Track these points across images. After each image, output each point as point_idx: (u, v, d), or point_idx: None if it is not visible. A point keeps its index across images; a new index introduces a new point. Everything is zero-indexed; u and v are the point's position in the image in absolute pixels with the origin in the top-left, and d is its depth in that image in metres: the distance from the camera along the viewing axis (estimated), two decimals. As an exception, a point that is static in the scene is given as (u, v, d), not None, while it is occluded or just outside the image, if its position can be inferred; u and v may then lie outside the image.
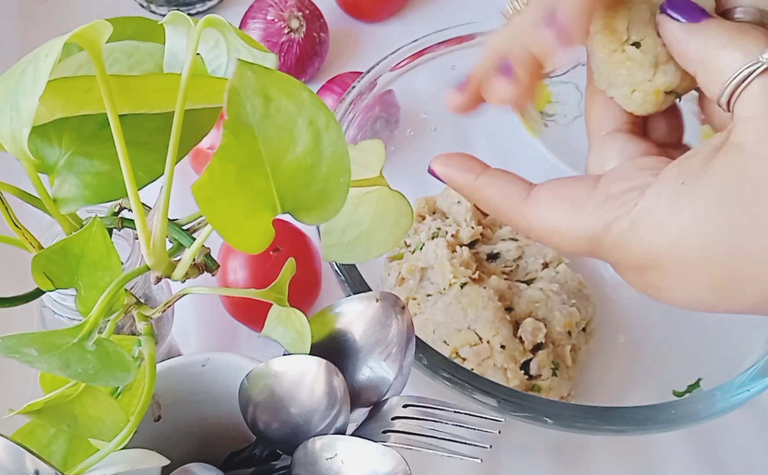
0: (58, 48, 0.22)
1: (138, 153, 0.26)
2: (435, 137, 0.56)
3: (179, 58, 0.27)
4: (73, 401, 0.26)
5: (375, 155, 0.32)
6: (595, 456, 0.49)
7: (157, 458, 0.27)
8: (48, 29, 0.68)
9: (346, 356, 0.29)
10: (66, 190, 0.27)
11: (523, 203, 0.33)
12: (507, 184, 0.34)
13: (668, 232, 0.29)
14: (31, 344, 0.24)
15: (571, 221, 0.31)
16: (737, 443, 0.50)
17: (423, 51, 0.52)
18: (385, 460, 0.26)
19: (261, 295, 0.27)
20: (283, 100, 0.23)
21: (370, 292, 0.30)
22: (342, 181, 0.24)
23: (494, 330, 0.45)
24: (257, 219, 0.24)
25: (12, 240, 0.28)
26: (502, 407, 0.38)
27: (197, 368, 0.32)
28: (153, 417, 0.32)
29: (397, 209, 0.31)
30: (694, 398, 0.39)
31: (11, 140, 0.23)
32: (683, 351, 0.48)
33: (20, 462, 0.24)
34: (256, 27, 0.63)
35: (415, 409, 0.29)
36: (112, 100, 0.24)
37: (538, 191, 0.33)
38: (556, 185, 0.33)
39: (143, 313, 0.27)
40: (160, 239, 0.25)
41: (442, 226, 0.52)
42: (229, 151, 0.23)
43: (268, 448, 0.31)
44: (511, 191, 0.34)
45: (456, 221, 0.53)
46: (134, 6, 0.71)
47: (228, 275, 0.49)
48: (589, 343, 0.50)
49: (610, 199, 0.30)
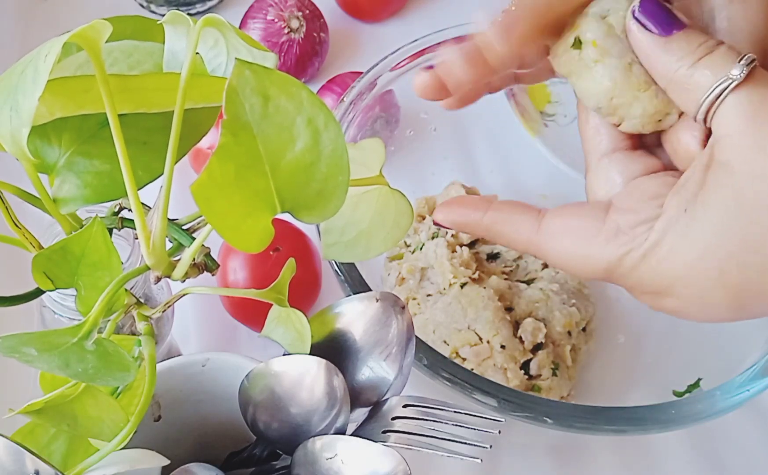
0: (57, 48, 0.22)
1: (137, 153, 0.26)
2: (435, 137, 0.56)
3: (179, 57, 0.27)
4: (73, 401, 0.26)
5: (375, 154, 0.32)
6: (595, 456, 0.49)
7: (157, 458, 0.27)
8: (48, 29, 0.68)
9: (346, 356, 0.29)
10: (66, 190, 0.27)
11: (536, 235, 0.34)
12: (516, 217, 0.34)
13: (679, 261, 0.29)
14: (30, 343, 0.24)
15: (583, 254, 0.32)
16: (737, 443, 0.49)
17: (423, 51, 0.52)
18: (385, 460, 0.26)
19: (261, 295, 0.27)
20: (281, 99, 0.23)
21: (370, 292, 0.30)
22: (341, 180, 0.24)
23: (494, 330, 0.45)
24: (256, 218, 0.24)
25: (12, 240, 0.28)
26: (502, 407, 0.38)
27: (197, 368, 0.32)
28: (153, 417, 0.32)
29: (397, 209, 0.31)
30: (694, 398, 0.39)
31: (11, 140, 0.23)
32: (683, 351, 0.48)
33: (20, 462, 0.24)
34: (256, 27, 0.63)
35: (415, 409, 0.29)
36: (112, 100, 0.24)
37: (548, 223, 0.33)
38: (565, 216, 0.33)
39: (143, 313, 0.27)
40: (159, 238, 0.25)
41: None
42: (228, 151, 0.23)
43: (268, 448, 0.31)
44: (521, 224, 0.34)
45: (456, 221, 0.53)
46: (134, 6, 0.71)
47: (228, 274, 0.49)
48: (589, 343, 0.50)
49: (621, 234, 0.31)
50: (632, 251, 0.31)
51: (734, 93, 0.28)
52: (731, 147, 0.28)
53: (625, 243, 0.31)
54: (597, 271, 0.32)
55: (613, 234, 0.31)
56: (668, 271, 0.30)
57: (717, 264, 0.29)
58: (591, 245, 0.32)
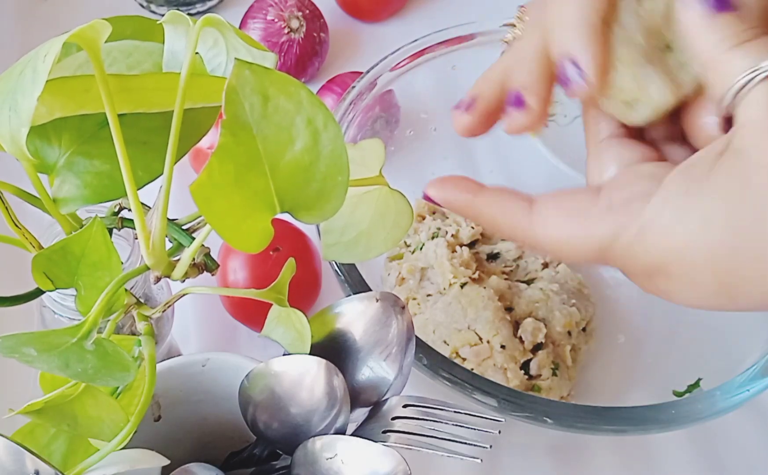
0: (57, 48, 0.22)
1: (137, 152, 0.26)
2: (435, 137, 0.56)
3: (178, 57, 0.27)
4: (73, 401, 0.26)
5: (374, 154, 0.32)
6: (595, 456, 0.48)
7: (157, 458, 0.27)
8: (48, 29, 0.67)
9: (346, 356, 0.29)
10: (66, 190, 0.27)
11: (526, 218, 0.33)
12: (508, 201, 0.34)
13: (674, 239, 0.29)
14: (30, 343, 0.24)
15: (576, 233, 0.32)
16: (737, 443, 0.49)
17: (423, 51, 0.52)
18: (385, 460, 0.26)
19: (261, 295, 0.27)
20: (281, 99, 0.23)
21: (370, 292, 0.30)
22: (340, 180, 0.24)
23: (494, 330, 0.45)
24: (256, 218, 0.24)
25: (12, 240, 0.28)
26: (502, 407, 0.38)
27: (197, 368, 0.32)
28: (153, 417, 0.32)
29: (397, 209, 0.31)
30: (694, 398, 0.39)
31: (10, 140, 0.23)
32: (683, 351, 0.48)
33: (20, 462, 0.24)
34: (256, 27, 0.63)
35: (415, 409, 0.29)
36: (111, 100, 0.24)
37: (540, 206, 0.33)
38: (558, 198, 0.33)
39: (143, 313, 0.27)
40: (159, 238, 0.25)
41: (442, 226, 0.52)
42: (228, 151, 0.23)
43: (268, 448, 0.31)
44: (512, 208, 0.33)
45: (456, 221, 0.53)
46: (134, 6, 0.71)
47: (228, 274, 0.49)
48: (589, 343, 0.50)
49: (614, 208, 0.31)
50: (626, 226, 0.30)
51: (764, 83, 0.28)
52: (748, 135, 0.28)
53: (618, 217, 0.30)
54: (590, 251, 0.31)
55: (606, 209, 0.31)
56: (663, 249, 0.29)
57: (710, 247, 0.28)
58: (584, 223, 0.31)
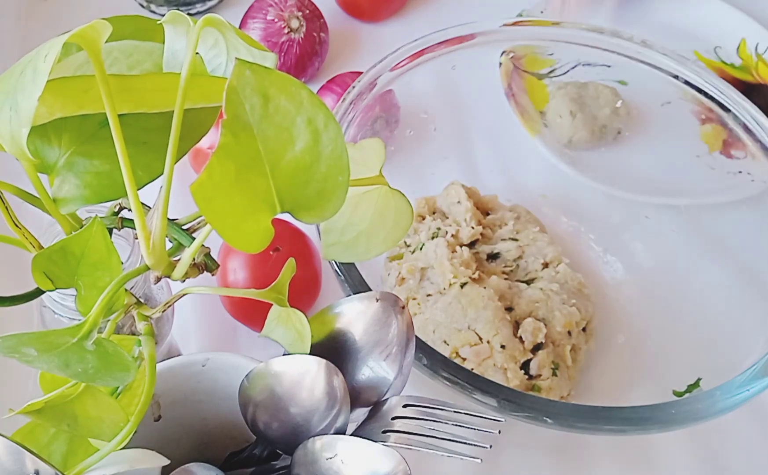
0: (57, 48, 0.22)
1: (137, 152, 0.26)
2: (435, 137, 0.56)
3: (178, 57, 0.27)
4: (73, 401, 0.26)
5: (375, 154, 0.32)
6: (595, 456, 0.48)
7: (157, 458, 0.27)
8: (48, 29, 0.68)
9: (346, 356, 0.29)
10: (66, 190, 0.27)
11: None
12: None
13: None
14: (30, 343, 0.24)
15: None
16: (737, 443, 0.49)
17: (423, 51, 0.52)
18: (385, 460, 0.26)
19: (261, 295, 0.27)
20: (281, 99, 0.23)
21: (370, 292, 0.30)
22: (341, 180, 0.24)
23: (494, 330, 0.45)
24: (256, 218, 0.24)
25: (12, 240, 0.28)
26: (502, 407, 0.38)
27: (197, 368, 0.32)
28: (153, 417, 0.32)
29: (397, 209, 0.31)
30: (694, 398, 0.39)
31: (10, 140, 0.23)
32: (683, 351, 0.48)
33: (20, 462, 0.24)
34: (256, 27, 0.63)
35: (415, 409, 0.29)
36: (112, 100, 0.24)
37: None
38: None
39: (143, 313, 0.27)
40: (159, 238, 0.25)
41: (442, 226, 0.52)
42: (228, 151, 0.23)
43: (268, 448, 0.31)
44: None
45: (456, 221, 0.53)
46: (134, 6, 0.71)
47: (228, 274, 0.49)
48: (589, 343, 0.50)
49: None
50: None
51: None
52: None
53: None
54: None
55: None
56: None
57: None
58: None
